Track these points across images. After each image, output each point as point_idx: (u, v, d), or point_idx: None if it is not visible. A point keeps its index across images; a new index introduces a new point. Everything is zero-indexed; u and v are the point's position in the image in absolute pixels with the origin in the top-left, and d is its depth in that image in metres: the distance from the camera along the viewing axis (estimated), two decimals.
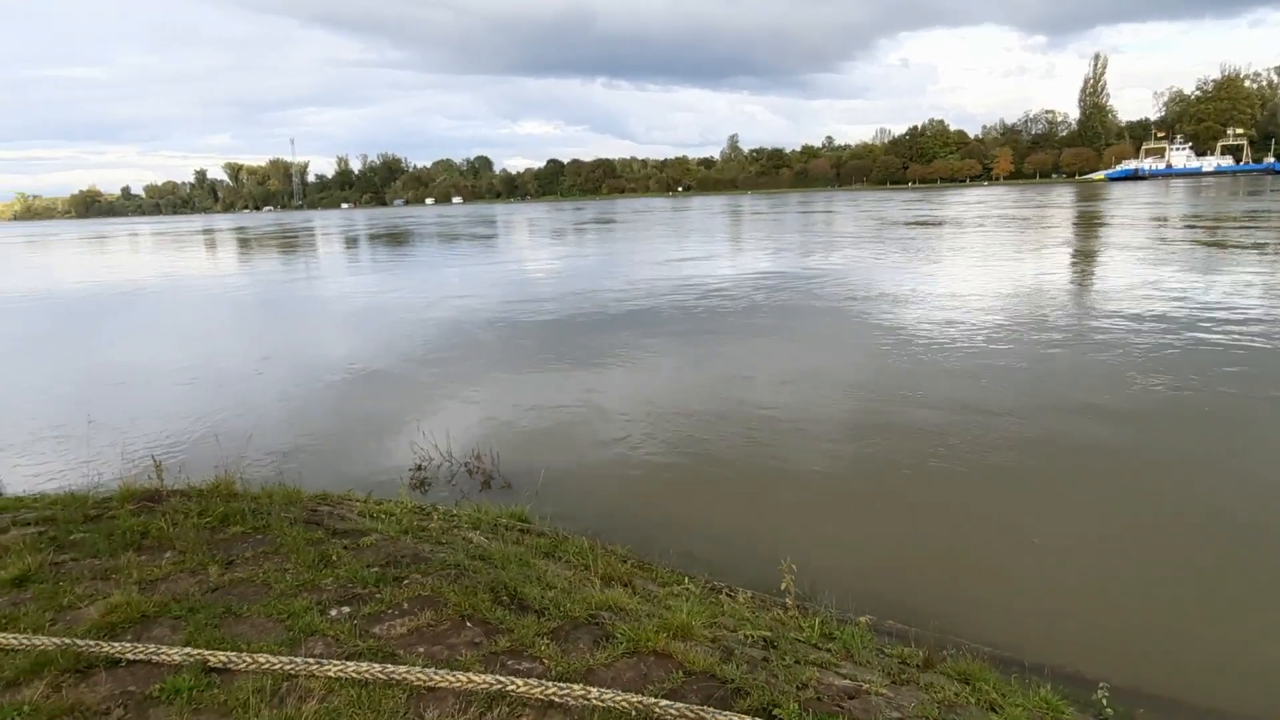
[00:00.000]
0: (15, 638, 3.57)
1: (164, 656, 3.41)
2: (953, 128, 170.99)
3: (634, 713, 3.02)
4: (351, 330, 19.49)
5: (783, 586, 5.08)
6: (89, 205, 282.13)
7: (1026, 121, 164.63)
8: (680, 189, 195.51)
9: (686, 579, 5.58)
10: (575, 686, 3.16)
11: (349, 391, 12.65)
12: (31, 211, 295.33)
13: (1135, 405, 10.05)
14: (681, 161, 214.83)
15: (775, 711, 3.16)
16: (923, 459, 8.57)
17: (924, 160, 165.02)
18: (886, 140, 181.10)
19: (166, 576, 4.31)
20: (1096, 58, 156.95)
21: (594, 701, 3.07)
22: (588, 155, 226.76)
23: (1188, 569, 6.18)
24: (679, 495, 7.98)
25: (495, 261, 39.17)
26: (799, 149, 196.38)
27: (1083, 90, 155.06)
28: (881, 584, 6.01)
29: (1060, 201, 74.47)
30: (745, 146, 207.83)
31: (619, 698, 3.08)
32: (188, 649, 3.45)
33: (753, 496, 7.89)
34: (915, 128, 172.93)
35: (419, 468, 8.50)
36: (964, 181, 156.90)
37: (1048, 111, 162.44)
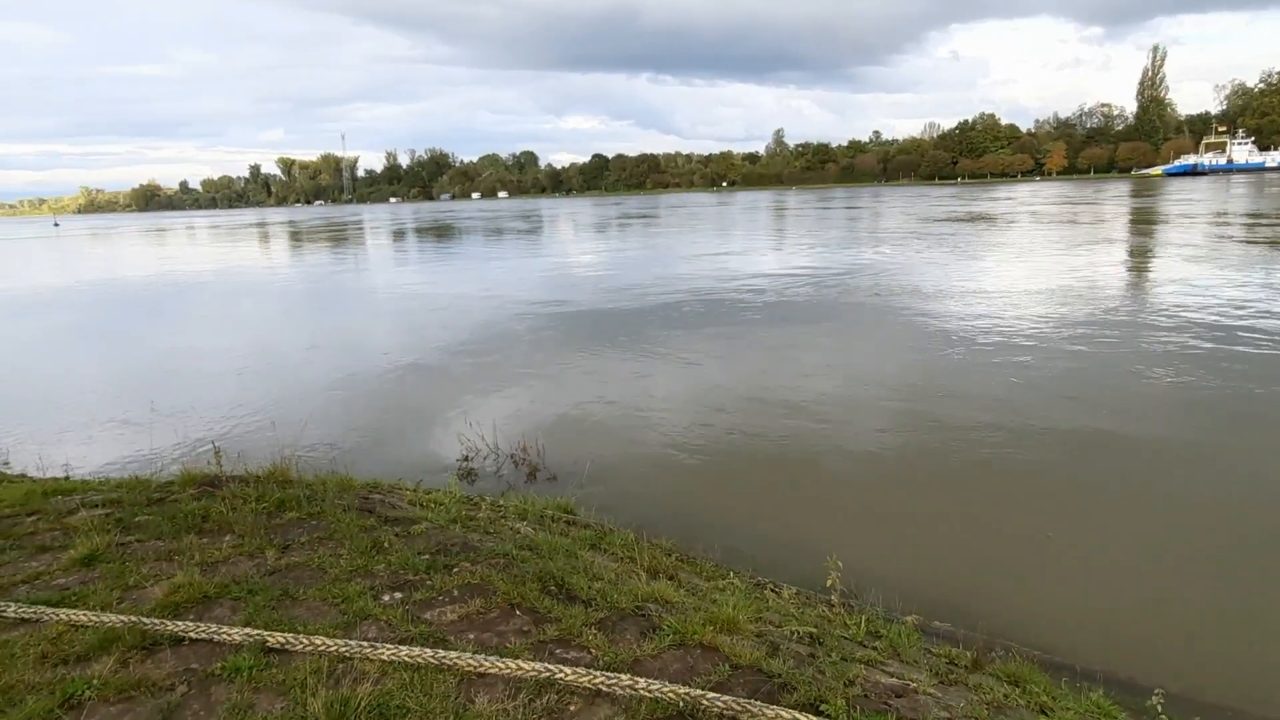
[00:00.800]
0: (85, 614, 3.71)
1: (225, 636, 3.53)
2: (1004, 122, 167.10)
3: (681, 704, 3.03)
4: (398, 322, 19.80)
5: (828, 583, 5.05)
6: (149, 199, 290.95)
7: (1081, 115, 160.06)
8: (724, 184, 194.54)
9: (731, 574, 5.58)
10: (623, 676, 3.18)
11: (396, 381, 12.87)
12: (95, 205, 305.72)
13: (1194, 410, 9.77)
14: (726, 156, 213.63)
15: (822, 707, 3.16)
16: (968, 458, 8.44)
17: (974, 155, 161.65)
18: (935, 135, 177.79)
19: (226, 559, 4.44)
20: (1155, 50, 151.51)
21: (641, 692, 3.10)
22: (632, 150, 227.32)
23: (1250, 577, 5.99)
24: (721, 490, 7.98)
25: (538, 255, 39.45)
26: (845, 144, 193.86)
27: (1140, 83, 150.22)
28: (927, 584, 5.94)
29: (1115, 197, 72.42)
30: (791, 141, 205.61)
31: (666, 688, 3.10)
32: (247, 629, 3.56)
33: (795, 493, 7.85)
34: (965, 122, 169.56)
35: (466, 458, 8.62)
36: (1015, 177, 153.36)
37: (1103, 105, 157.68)
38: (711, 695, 3.08)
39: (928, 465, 8.37)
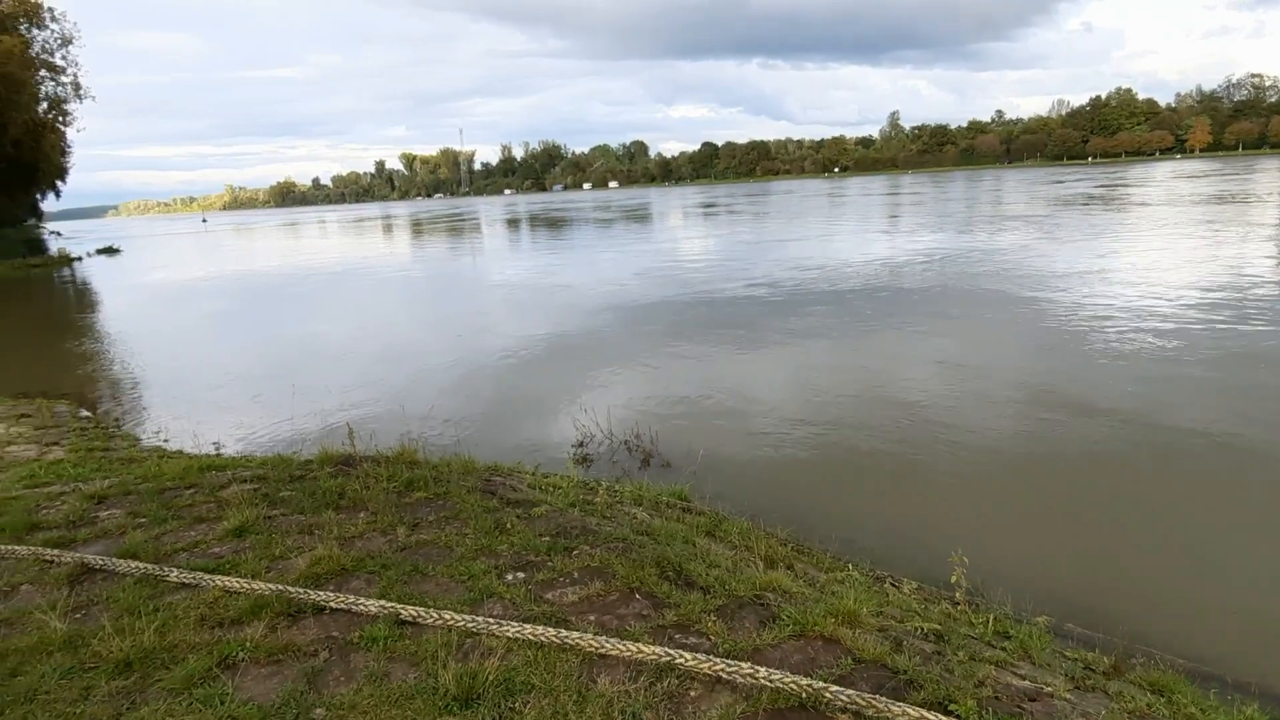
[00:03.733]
0: (238, 581, 3.99)
1: (362, 607, 3.71)
2: (1140, 96, 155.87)
3: (804, 696, 2.99)
4: (513, 309, 20.32)
5: (953, 580, 4.86)
6: (285, 195, 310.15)
7: (1228, 87, 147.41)
8: (836, 170, 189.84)
9: (850, 566, 5.47)
10: (744, 665, 3.16)
11: (512, 367, 13.22)
12: (238, 201, 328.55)
13: None
14: (838, 141, 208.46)
15: (951, 707, 3.04)
16: (1102, 456, 7.94)
17: (1106, 133, 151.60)
18: (1064, 112, 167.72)
19: (361, 535, 4.68)
20: None
21: (762, 681, 3.07)
22: (742, 137, 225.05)
23: None
24: (835, 481, 7.81)
25: (647, 243, 39.65)
26: (965, 125, 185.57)
27: None
28: (1058, 584, 5.63)
29: (1267, 175, 66.30)
30: (906, 124, 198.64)
31: (788, 679, 3.06)
32: (382, 601, 3.74)
33: (913, 486, 7.60)
34: (1098, 98, 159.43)
35: (581, 444, 8.76)
36: (1153, 155, 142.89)
37: (1254, 75, 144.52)
38: (835, 688, 3.01)
39: (1056, 462, 7.93)
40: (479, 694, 3.03)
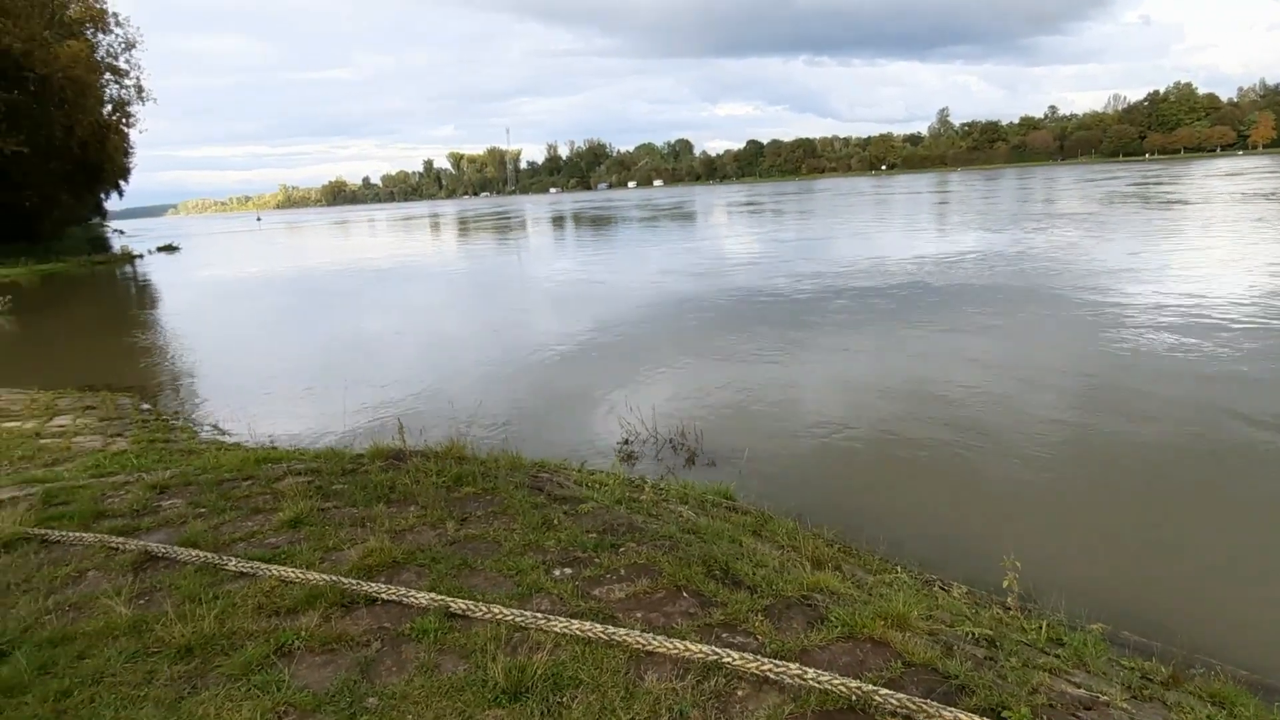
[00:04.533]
0: (293, 571, 4.08)
1: (413, 599, 3.77)
2: (1201, 91, 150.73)
3: (853, 698, 2.95)
4: (558, 307, 20.45)
5: (1004, 584, 4.78)
6: (336, 194, 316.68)
7: None
8: (883, 168, 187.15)
9: (898, 568, 5.39)
10: (791, 665, 3.14)
11: (558, 364, 13.31)
12: (291, 200, 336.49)
13: None
14: (885, 139, 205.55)
15: (1004, 714, 2.98)
16: (1160, 464, 7.72)
17: (1165, 128, 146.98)
18: (1120, 108, 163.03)
19: (411, 528, 4.75)
20: None
21: (810, 682, 3.04)
22: (787, 135, 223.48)
23: None
24: (883, 482, 7.71)
25: (691, 242, 39.59)
26: (1016, 121, 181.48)
27: None
28: (1113, 592, 5.49)
29: None
30: (956, 121, 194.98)
31: (836, 681, 3.03)
32: (432, 594, 3.79)
33: (963, 488, 7.46)
34: (1156, 92, 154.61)
35: (626, 441, 8.78)
36: (1213, 151, 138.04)
37: None
38: (884, 691, 2.97)
39: (1111, 466, 7.73)
40: (528, 687, 3.05)
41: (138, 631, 3.59)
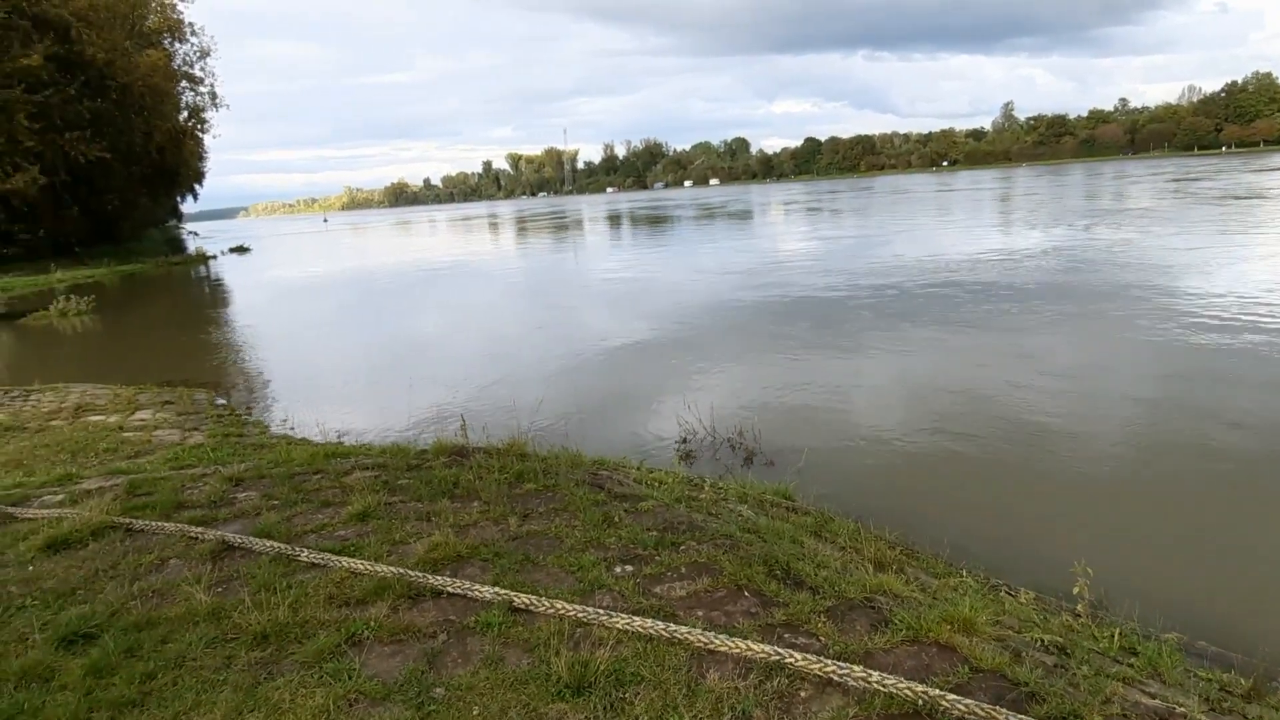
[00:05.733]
0: (362, 563, 4.19)
1: (477, 593, 3.84)
2: None
3: (919, 703, 2.91)
4: (615, 306, 20.52)
5: (1074, 591, 4.64)
6: (398, 195, 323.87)
7: None
8: (944, 164, 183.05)
9: (963, 572, 5.28)
10: (855, 667, 3.11)
11: (615, 363, 13.36)
12: (355, 201, 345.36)
13: None
14: (947, 134, 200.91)
15: None
16: (1237, 465, 7.37)
17: (1243, 120, 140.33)
18: (1195, 99, 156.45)
19: (475, 523, 4.83)
20: None
21: (875, 685, 3.01)
22: (846, 132, 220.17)
23: None
24: (947, 484, 7.54)
25: (747, 241, 39.36)
26: (1085, 114, 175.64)
27: None
28: (1188, 601, 5.27)
29: None
30: (1021, 115, 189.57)
31: (901, 684, 2.98)
32: (496, 588, 3.86)
33: (1028, 494, 7.25)
34: (1233, 83, 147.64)
35: (684, 440, 8.77)
36: None
37: None
38: (952, 697, 2.92)
39: (1187, 471, 7.42)
40: (590, 682, 3.09)
41: (216, 618, 3.74)
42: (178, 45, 60.39)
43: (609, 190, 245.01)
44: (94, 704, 3.13)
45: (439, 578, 4.00)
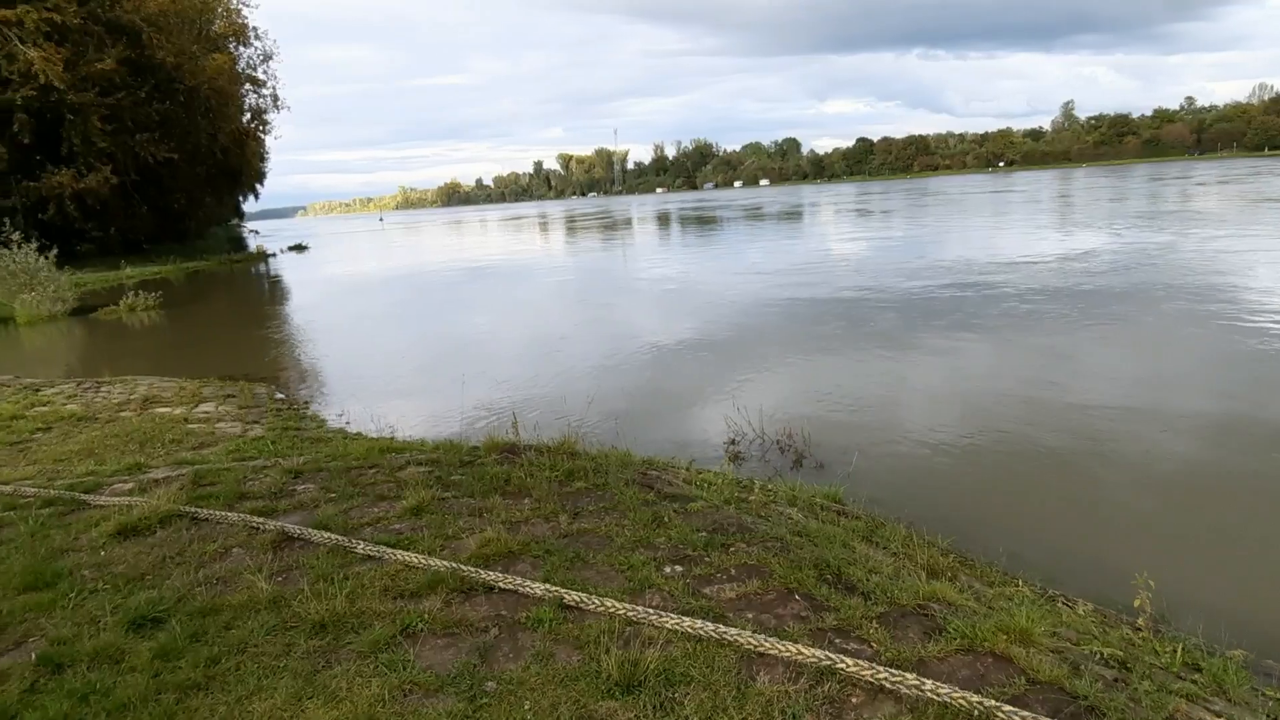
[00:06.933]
0: (416, 557, 4.27)
1: (528, 589, 3.89)
2: None
3: (975, 713, 2.86)
4: (664, 306, 20.52)
5: (1135, 604, 4.51)
6: (451, 195, 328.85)
7: None
8: (1000, 164, 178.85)
9: (1019, 581, 5.17)
10: (908, 675, 3.06)
11: (664, 363, 13.35)
12: (409, 201, 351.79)
13: None
14: (1004, 134, 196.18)
15: None
16: None
17: None
18: (1267, 97, 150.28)
19: (526, 520, 4.88)
20: None
21: (928, 694, 2.96)
22: (899, 132, 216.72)
23: None
24: (1002, 491, 7.38)
25: (795, 241, 39.01)
26: (1149, 114, 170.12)
27: None
28: (1255, 616, 5.07)
29: None
30: (1081, 114, 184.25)
31: (956, 694, 2.94)
32: (547, 585, 3.90)
33: (1090, 501, 7.05)
34: None
35: (733, 441, 8.74)
36: None
37: None
38: (1008, 708, 2.86)
39: (1254, 483, 7.14)
40: (640, 681, 3.10)
41: (277, 606, 3.85)
42: (242, 49, 62.19)
43: (658, 190, 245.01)
44: (161, 686, 3.25)
45: (491, 573, 4.05)
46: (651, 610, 3.62)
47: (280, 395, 12.33)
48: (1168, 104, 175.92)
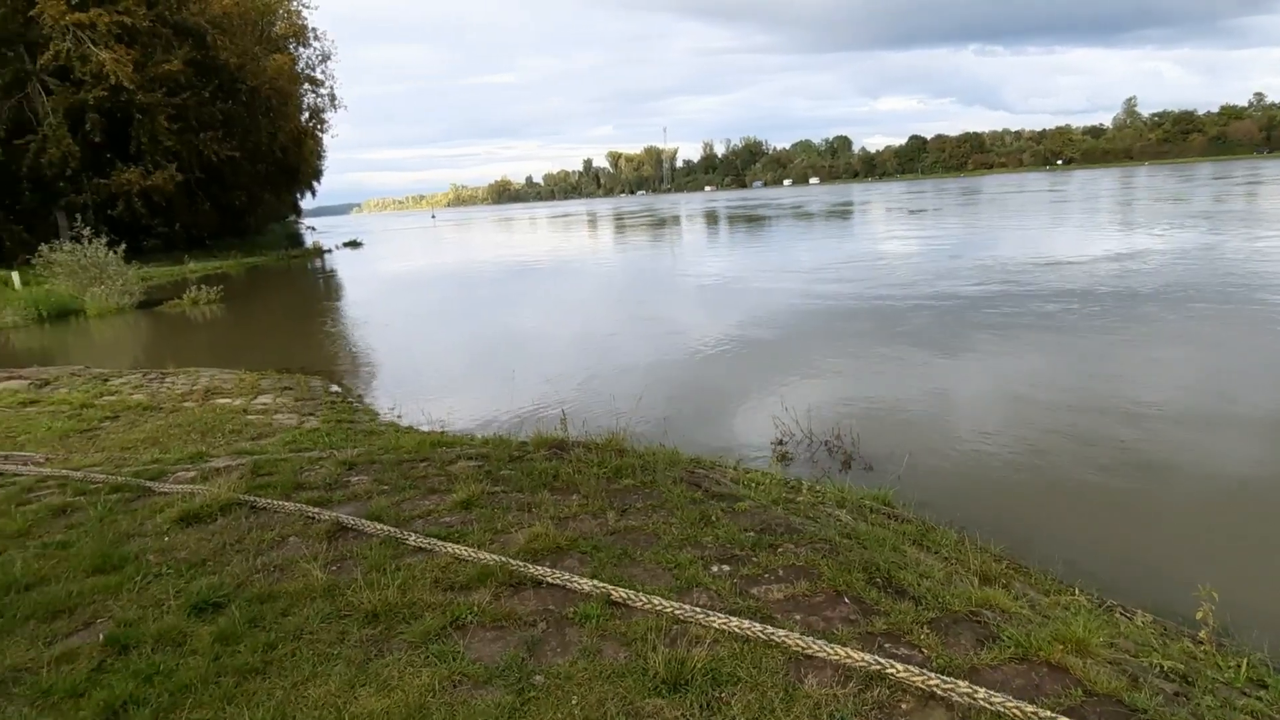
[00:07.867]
0: (466, 550, 4.33)
1: (576, 585, 3.91)
2: None
3: None
4: (712, 305, 20.46)
5: (1198, 616, 4.36)
6: (501, 192, 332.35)
7: None
8: (1058, 163, 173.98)
9: (1075, 590, 5.04)
10: (960, 683, 3.01)
11: (713, 362, 13.32)
12: (460, 199, 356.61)
13: None
14: (1063, 132, 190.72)
15: None
16: None
17: None
18: None
19: (574, 516, 4.91)
20: None
21: (981, 702, 2.91)
22: (953, 130, 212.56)
23: None
24: (1057, 498, 7.19)
25: (845, 241, 38.54)
26: (1215, 110, 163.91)
27: None
28: None
29: None
30: (1144, 111, 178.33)
31: (1010, 703, 2.87)
32: (595, 581, 3.91)
33: (1149, 510, 6.85)
34: None
35: (780, 441, 8.68)
36: None
37: None
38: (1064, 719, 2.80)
39: None
40: (687, 680, 3.10)
41: (331, 595, 3.93)
42: (301, 50, 63.75)
43: (707, 189, 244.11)
44: (221, 669, 3.35)
45: (539, 568, 4.09)
46: (698, 609, 3.61)
47: (335, 388, 12.61)
48: (1235, 100, 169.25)
